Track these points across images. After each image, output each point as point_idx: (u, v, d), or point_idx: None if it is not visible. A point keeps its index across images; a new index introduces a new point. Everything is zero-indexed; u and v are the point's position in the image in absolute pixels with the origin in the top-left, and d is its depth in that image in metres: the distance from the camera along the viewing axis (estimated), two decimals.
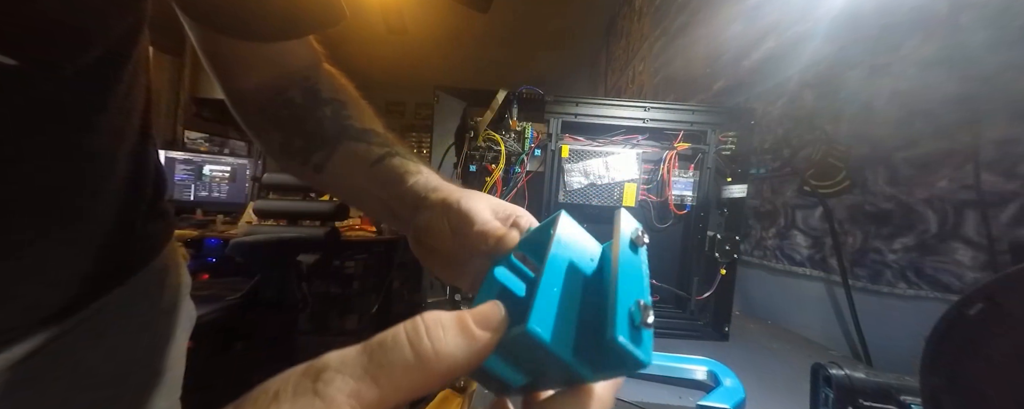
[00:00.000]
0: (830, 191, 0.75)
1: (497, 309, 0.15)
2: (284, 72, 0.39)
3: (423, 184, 0.33)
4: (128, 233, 0.33)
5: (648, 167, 0.75)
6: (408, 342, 0.13)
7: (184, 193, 2.30)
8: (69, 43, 0.24)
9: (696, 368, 0.53)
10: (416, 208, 0.32)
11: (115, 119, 0.29)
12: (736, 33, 1.16)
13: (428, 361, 0.13)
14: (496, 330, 0.14)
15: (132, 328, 0.34)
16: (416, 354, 0.13)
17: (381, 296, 2.41)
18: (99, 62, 0.26)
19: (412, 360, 0.13)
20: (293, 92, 0.38)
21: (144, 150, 0.34)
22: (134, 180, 0.33)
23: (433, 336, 0.13)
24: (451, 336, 0.13)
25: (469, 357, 0.14)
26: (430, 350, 0.13)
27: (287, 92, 0.38)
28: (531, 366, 0.15)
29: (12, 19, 0.21)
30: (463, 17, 2.52)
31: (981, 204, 0.52)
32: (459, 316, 0.14)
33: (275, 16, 0.35)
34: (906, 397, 0.36)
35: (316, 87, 0.39)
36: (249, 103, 0.40)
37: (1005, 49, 0.51)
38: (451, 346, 0.13)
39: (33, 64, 0.22)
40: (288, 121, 0.38)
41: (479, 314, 0.14)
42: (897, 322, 0.63)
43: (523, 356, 0.15)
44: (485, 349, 0.14)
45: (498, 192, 0.75)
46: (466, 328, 0.14)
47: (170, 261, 0.40)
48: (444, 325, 0.14)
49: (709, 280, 0.74)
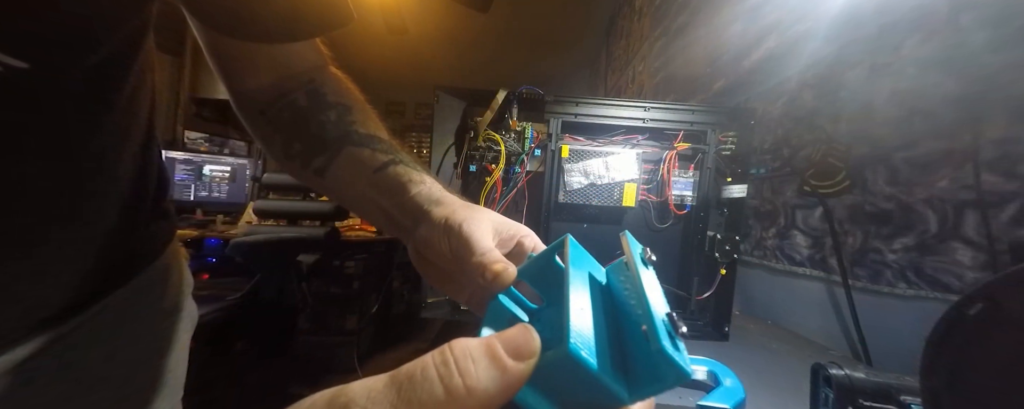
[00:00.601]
0: (830, 191, 0.75)
1: (530, 334, 0.14)
2: (289, 74, 0.38)
3: (426, 195, 0.32)
4: (131, 233, 0.33)
5: (648, 167, 0.75)
6: (438, 378, 0.12)
7: (184, 193, 2.30)
8: (77, 46, 0.23)
9: (696, 368, 0.53)
10: (417, 220, 0.32)
11: (121, 119, 0.29)
12: (736, 33, 1.16)
13: (459, 398, 0.12)
14: (530, 358, 0.13)
15: (134, 329, 0.34)
16: (446, 391, 0.12)
17: (381, 296, 2.41)
18: (105, 63, 0.26)
19: (442, 397, 0.12)
20: (297, 94, 0.38)
21: (148, 151, 0.34)
22: (138, 181, 0.33)
23: (463, 370, 0.12)
24: (483, 369, 0.13)
25: (502, 391, 0.13)
26: (461, 387, 0.12)
27: (291, 94, 0.38)
28: (562, 393, 0.14)
29: (22, 22, 0.21)
30: (463, 17, 2.52)
31: (981, 204, 0.52)
32: (489, 345, 0.13)
33: (279, 18, 0.35)
34: (906, 397, 0.36)
35: (321, 90, 0.38)
36: (252, 104, 0.40)
37: (1005, 49, 0.51)
38: (484, 381, 0.12)
39: (41, 66, 0.22)
40: (290, 124, 0.38)
41: (510, 342, 0.13)
42: (897, 322, 0.63)
43: (556, 381, 0.14)
44: (519, 380, 0.13)
45: (498, 192, 0.75)
46: (497, 358, 0.13)
47: (172, 261, 0.39)
48: (474, 357, 0.13)
49: (709, 280, 0.74)
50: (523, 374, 0.13)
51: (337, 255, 2.19)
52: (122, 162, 0.31)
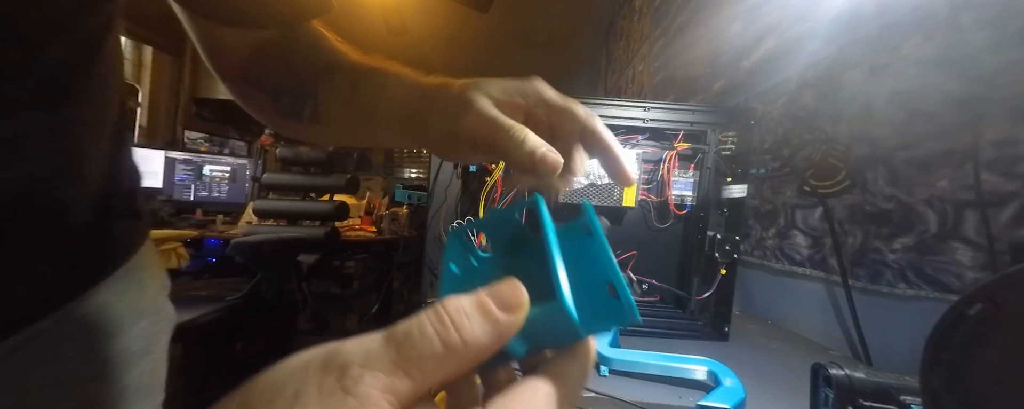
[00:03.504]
0: (830, 191, 0.75)
1: (518, 289, 0.15)
2: (266, 35, 0.38)
3: (411, 88, 0.33)
4: (102, 232, 0.32)
5: (648, 167, 0.75)
6: (435, 334, 0.13)
7: (184, 193, 2.30)
8: (31, 44, 0.23)
9: (696, 368, 0.53)
10: (419, 117, 0.32)
11: (86, 113, 0.28)
12: (736, 33, 1.16)
13: (457, 351, 0.13)
14: (519, 310, 0.14)
15: (108, 330, 0.33)
16: (444, 345, 0.13)
17: (381, 296, 2.41)
18: (60, 62, 0.25)
19: (441, 351, 0.13)
20: (272, 46, 0.38)
21: (120, 149, 0.33)
22: (108, 179, 0.32)
23: (459, 325, 0.13)
24: (477, 324, 0.14)
25: (495, 341, 0.14)
26: (458, 340, 0.13)
27: (267, 46, 0.38)
28: (535, 333, 0.16)
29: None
30: (463, 17, 2.52)
31: (981, 204, 0.52)
32: (481, 301, 0.14)
33: (257, 4, 0.35)
34: (906, 397, 0.36)
35: (294, 36, 0.38)
36: (235, 72, 0.39)
37: (1005, 49, 0.51)
38: (479, 334, 0.13)
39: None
40: (267, 76, 0.37)
41: (499, 296, 0.14)
42: (897, 322, 0.63)
43: (534, 327, 0.15)
44: (511, 331, 0.14)
45: (498, 192, 0.75)
46: (489, 313, 0.14)
47: (146, 261, 0.38)
48: (467, 313, 0.14)
49: (709, 280, 0.74)
50: (514, 325, 0.14)
51: (337, 255, 2.20)
52: (92, 160, 0.30)
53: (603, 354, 0.55)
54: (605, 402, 0.47)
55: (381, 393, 0.12)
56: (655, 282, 0.76)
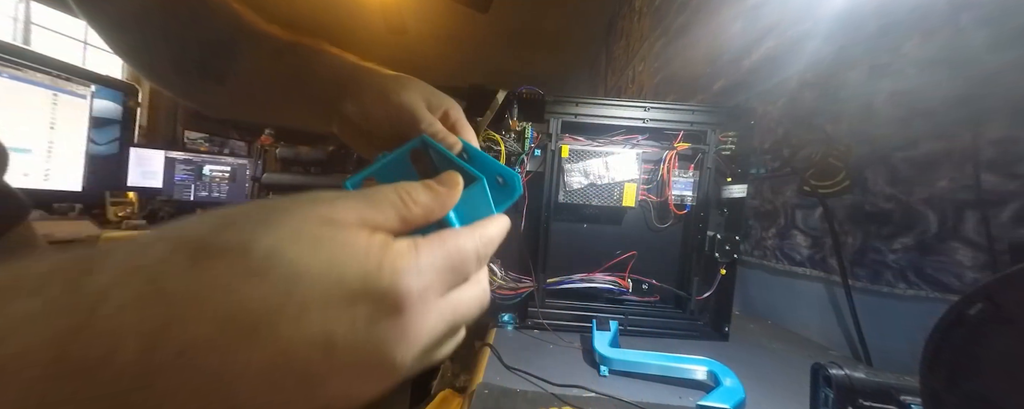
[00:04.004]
0: (830, 191, 0.75)
1: (455, 175, 0.21)
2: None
3: (341, 67, 0.33)
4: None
5: (648, 167, 0.75)
6: (394, 190, 0.18)
7: (184, 193, 2.30)
8: None
9: (696, 368, 0.53)
10: (339, 96, 0.32)
11: None
12: (736, 33, 1.16)
13: (408, 204, 0.18)
14: (455, 188, 0.21)
15: None
16: (400, 198, 0.18)
17: None
18: None
19: (397, 201, 0.18)
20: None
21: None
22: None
23: (410, 188, 0.19)
24: (422, 191, 0.19)
25: (438, 205, 0.20)
26: (409, 197, 0.18)
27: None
28: (467, 214, 0.22)
29: None
30: (463, 17, 2.52)
31: (981, 204, 0.52)
32: (426, 183, 0.20)
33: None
34: (906, 397, 0.36)
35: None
36: (127, 22, 0.36)
37: (1005, 49, 0.51)
38: (424, 196, 0.19)
39: None
40: (176, 23, 0.35)
41: (440, 179, 0.21)
42: (897, 322, 0.63)
43: (465, 208, 0.22)
44: (450, 200, 0.20)
45: None
46: (431, 187, 0.20)
47: (16, 246, 0.35)
48: (415, 187, 0.19)
49: (709, 280, 0.74)
50: (453, 197, 0.20)
51: None
52: None
53: (603, 354, 0.55)
54: (605, 402, 0.47)
55: (356, 218, 0.16)
56: (655, 282, 0.76)
